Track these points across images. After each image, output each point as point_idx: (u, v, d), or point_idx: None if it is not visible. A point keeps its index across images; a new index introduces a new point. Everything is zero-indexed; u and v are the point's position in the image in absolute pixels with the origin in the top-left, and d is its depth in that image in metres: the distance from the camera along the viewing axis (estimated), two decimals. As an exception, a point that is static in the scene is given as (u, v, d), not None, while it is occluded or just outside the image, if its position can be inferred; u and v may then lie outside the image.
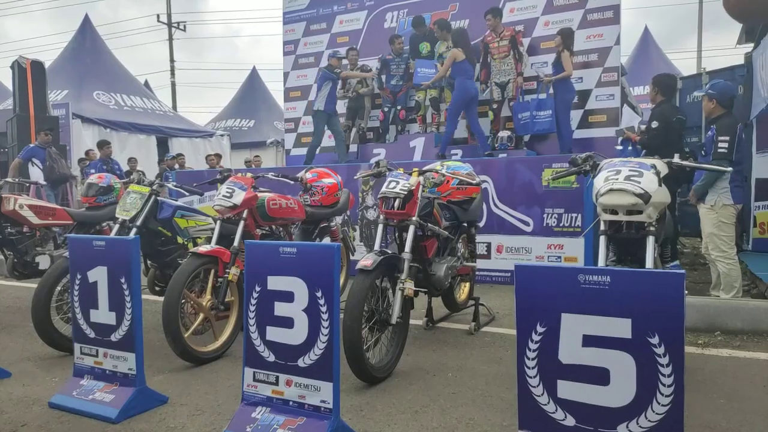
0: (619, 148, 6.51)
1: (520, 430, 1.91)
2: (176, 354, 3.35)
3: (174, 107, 25.47)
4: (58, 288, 3.73)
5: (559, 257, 5.93)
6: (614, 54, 7.70)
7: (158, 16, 25.81)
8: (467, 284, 4.45)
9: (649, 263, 2.41)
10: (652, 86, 5.66)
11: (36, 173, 9.12)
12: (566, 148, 7.13)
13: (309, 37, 9.85)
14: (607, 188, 2.43)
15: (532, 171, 6.08)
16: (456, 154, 7.99)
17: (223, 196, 3.68)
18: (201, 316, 3.48)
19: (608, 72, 7.71)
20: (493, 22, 7.65)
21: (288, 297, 2.38)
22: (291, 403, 2.37)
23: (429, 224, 3.49)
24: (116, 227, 3.96)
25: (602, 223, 2.54)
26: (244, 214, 3.73)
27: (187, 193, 4.25)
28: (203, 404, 2.86)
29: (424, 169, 3.50)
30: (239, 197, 3.68)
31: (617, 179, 2.43)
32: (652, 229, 2.44)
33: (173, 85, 25.89)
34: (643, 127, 6.25)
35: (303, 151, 10.04)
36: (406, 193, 3.25)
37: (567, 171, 2.97)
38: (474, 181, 3.86)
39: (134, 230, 3.84)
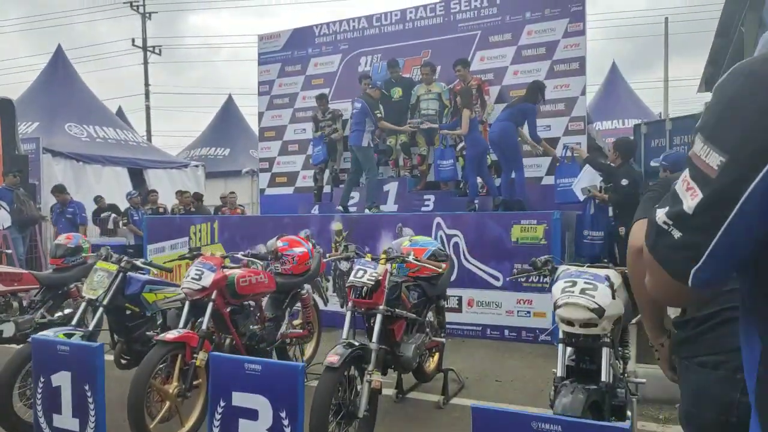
0: (583, 197, 6.67)
1: None
2: (142, 445, 3.31)
3: (149, 130, 25.28)
4: (23, 372, 3.66)
5: (529, 312, 6.04)
6: (580, 104, 7.94)
7: (133, 40, 25.70)
8: (437, 354, 4.51)
9: (603, 375, 2.50)
10: (613, 149, 5.92)
11: (3, 215, 8.95)
12: (472, 199, 7.37)
13: (284, 78, 9.93)
14: (563, 301, 2.52)
15: (502, 227, 6.20)
16: (429, 200, 8.10)
17: (192, 278, 3.68)
18: (167, 404, 3.46)
19: (575, 121, 7.94)
20: (463, 72, 7.82)
21: (252, 415, 2.41)
22: None
23: (397, 310, 3.54)
24: (83, 305, 3.94)
25: (560, 332, 2.63)
26: (213, 296, 3.74)
27: (156, 270, 4.23)
28: (168, 508, 2.84)
29: (392, 256, 3.57)
30: (208, 279, 3.69)
31: (573, 292, 2.52)
32: (606, 340, 2.54)
33: (148, 109, 25.69)
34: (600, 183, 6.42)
35: (278, 190, 10.09)
36: (373, 283, 3.31)
37: (527, 272, 3.07)
38: (441, 262, 3.93)
39: (100, 310, 3.82)
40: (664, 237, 0.85)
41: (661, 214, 0.86)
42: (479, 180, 7.89)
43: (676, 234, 0.83)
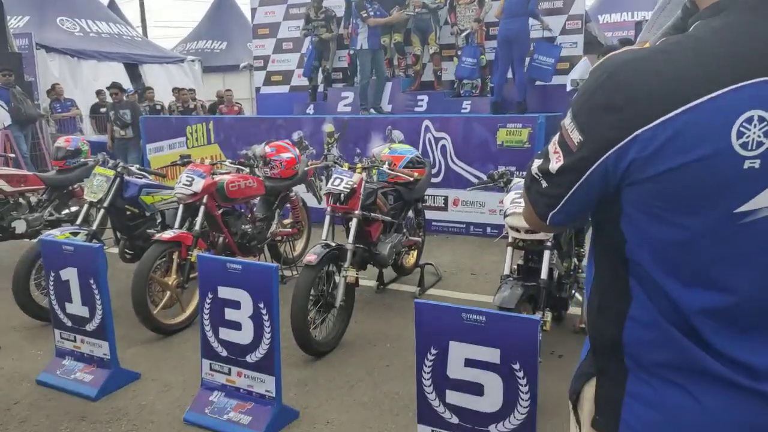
0: (570, 88, 6.75)
1: (419, 423, 2.41)
2: (148, 329, 3.78)
3: (143, 20, 24.44)
4: (36, 265, 4.05)
5: (509, 212, 6.35)
6: (579, 2, 7.72)
7: None
8: (415, 251, 4.88)
9: (544, 273, 2.84)
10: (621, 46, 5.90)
11: (2, 114, 9.11)
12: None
13: (276, -29, 9.55)
14: (511, 210, 2.79)
15: (488, 130, 6.35)
16: (422, 100, 8.15)
17: (183, 184, 3.96)
18: (168, 293, 3.88)
19: (573, 20, 7.77)
20: None
21: (236, 305, 2.78)
22: (241, 390, 2.84)
23: (372, 214, 3.84)
24: (85, 207, 4.27)
25: (510, 237, 2.93)
26: (205, 199, 4.03)
27: (150, 177, 4.49)
28: (171, 380, 3.33)
29: (366, 165, 3.81)
30: (198, 185, 3.97)
31: (521, 202, 2.78)
32: (548, 244, 2.85)
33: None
34: None
35: (273, 89, 10.08)
36: (348, 190, 3.58)
37: (484, 184, 3.31)
38: (418, 169, 4.17)
39: (102, 211, 4.15)
40: (534, 184, 1.08)
41: (535, 166, 1.09)
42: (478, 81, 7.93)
43: (543, 184, 1.06)
